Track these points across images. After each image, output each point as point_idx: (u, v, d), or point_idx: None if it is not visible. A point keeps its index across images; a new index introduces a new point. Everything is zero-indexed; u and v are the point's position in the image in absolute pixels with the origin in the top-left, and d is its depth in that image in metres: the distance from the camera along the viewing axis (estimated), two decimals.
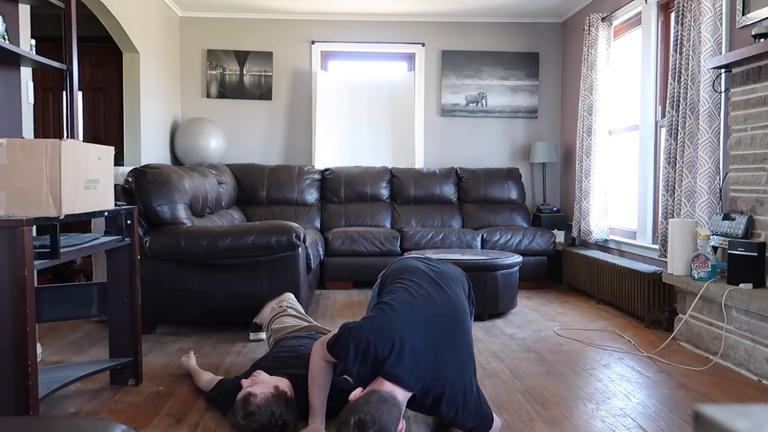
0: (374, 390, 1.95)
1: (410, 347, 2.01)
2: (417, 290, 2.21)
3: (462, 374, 2.09)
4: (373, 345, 1.99)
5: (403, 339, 2.01)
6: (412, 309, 2.12)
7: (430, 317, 2.12)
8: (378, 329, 2.03)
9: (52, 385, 2.29)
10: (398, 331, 2.02)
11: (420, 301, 2.16)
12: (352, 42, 6.33)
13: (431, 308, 2.15)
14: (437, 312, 2.15)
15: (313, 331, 2.93)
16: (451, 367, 2.06)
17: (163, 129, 5.74)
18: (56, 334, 3.70)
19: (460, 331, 2.16)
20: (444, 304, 2.19)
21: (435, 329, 2.09)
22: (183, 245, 3.59)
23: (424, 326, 2.08)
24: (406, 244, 5.30)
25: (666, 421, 2.42)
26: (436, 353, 2.05)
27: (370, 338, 2.01)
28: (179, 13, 6.17)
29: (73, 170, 2.13)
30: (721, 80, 3.61)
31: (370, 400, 1.91)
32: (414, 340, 2.03)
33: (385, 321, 2.06)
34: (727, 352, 3.15)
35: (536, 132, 6.44)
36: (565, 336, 3.73)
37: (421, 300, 2.17)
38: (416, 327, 2.06)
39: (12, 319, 1.96)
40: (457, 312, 2.21)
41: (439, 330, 2.10)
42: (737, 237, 3.26)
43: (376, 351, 1.99)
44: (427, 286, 2.25)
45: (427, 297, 2.19)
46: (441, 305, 2.18)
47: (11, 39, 2.99)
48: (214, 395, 2.52)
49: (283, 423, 2.14)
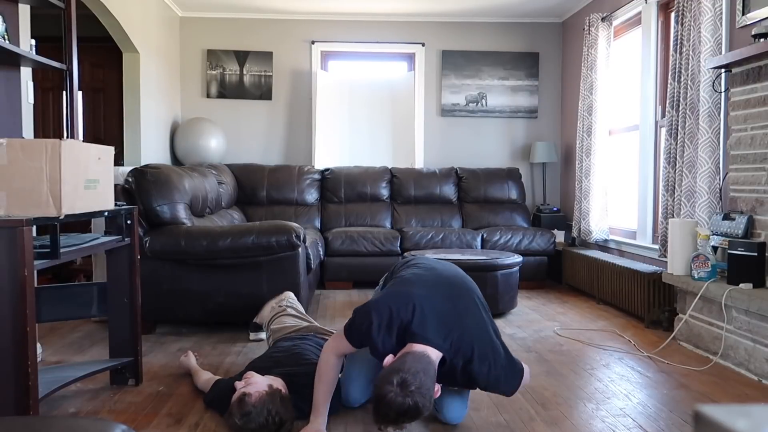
0: (407, 352, 1.99)
1: (431, 307, 2.07)
2: (425, 269, 2.29)
3: (485, 329, 2.14)
4: (396, 311, 2.04)
5: (423, 300, 2.07)
6: (424, 279, 2.19)
7: (443, 283, 2.20)
8: (396, 296, 2.09)
9: (52, 385, 2.29)
10: (416, 294, 2.08)
11: (430, 273, 2.24)
12: (352, 42, 6.33)
13: (442, 277, 2.23)
14: (448, 279, 2.23)
15: (312, 332, 2.93)
16: (473, 323, 2.11)
17: (163, 129, 5.74)
18: (56, 334, 3.70)
19: (474, 296, 2.22)
20: (451, 275, 2.27)
21: (450, 291, 2.16)
22: (183, 245, 3.59)
23: (439, 289, 2.15)
24: (406, 244, 5.30)
25: (666, 421, 2.42)
26: (456, 311, 2.10)
27: (392, 305, 2.05)
28: (179, 13, 6.17)
29: (73, 170, 2.13)
30: (721, 80, 3.61)
31: (406, 360, 1.95)
32: (433, 300, 2.09)
33: (401, 289, 2.12)
34: (727, 352, 3.15)
35: (536, 132, 6.44)
36: (565, 336, 3.73)
37: (431, 272, 2.25)
38: (432, 289, 2.13)
39: (12, 319, 1.96)
40: (468, 282, 2.28)
41: (454, 292, 2.17)
42: (737, 237, 3.26)
43: (399, 316, 2.04)
44: (434, 265, 2.33)
45: (435, 271, 2.26)
46: (451, 275, 2.26)
47: (11, 39, 2.99)
48: (211, 397, 2.52)
49: (280, 420, 2.15)
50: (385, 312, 2.05)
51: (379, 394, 1.89)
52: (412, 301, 2.05)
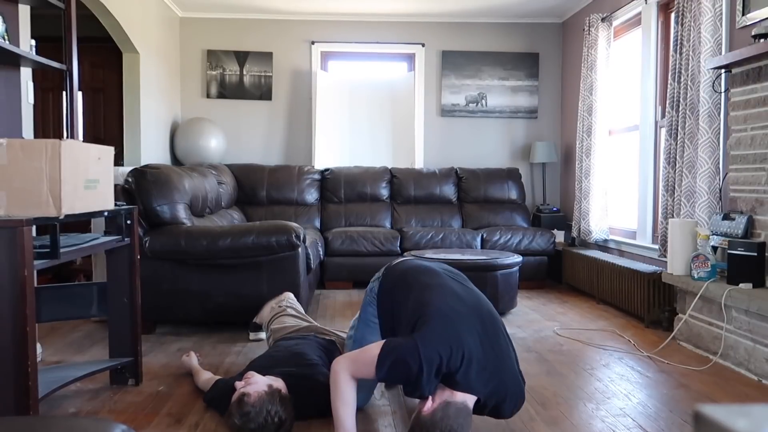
0: (449, 402, 1.93)
1: (477, 355, 1.97)
2: (449, 290, 2.15)
3: (515, 370, 2.09)
4: (446, 360, 1.92)
5: (472, 349, 1.96)
6: (459, 314, 2.05)
7: (475, 318, 2.07)
8: (446, 342, 1.95)
9: (52, 385, 2.29)
10: (465, 342, 1.96)
11: (459, 303, 2.10)
12: (352, 42, 6.33)
13: (471, 309, 2.10)
14: (477, 311, 2.10)
15: (312, 332, 2.93)
16: (506, 366, 2.05)
17: (163, 129, 5.74)
18: (56, 334, 3.70)
19: (500, 326, 2.13)
20: (476, 302, 2.16)
21: (489, 331, 2.06)
22: (183, 245, 3.59)
23: (480, 331, 2.03)
24: (406, 244, 5.30)
25: (666, 420, 2.42)
26: (495, 355, 2.02)
27: (442, 354, 1.93)
28: (179, 13, 6.17)
29: (73, 170, 2.13)
30: (721, 80, 3.61)
31: (449, 414, 1.90)
32: (479, 347, 1.99)
33: (449, 332, 1.97)
34: (727, 352, 3.15)
35: (536, 132, 6.44)
36: (565, 336, 3.73)
37: (460, 302, 2.11)
38: (471, 331, 2.01)
39: (12, 319, 1.96)
40: (490, 307, 2.18)
41: (486, 330, 2.06)
42: (737, 237, 3.26)
43: (449, 364, 1.93)
44: (453, 284, 2.22)
45: (459, 295, 2.14)
46: (475, 304, 2.14)
47: (11, 39, 2.99)
48: (211, 397, 2.53)
49: (280, 420, 2.15)
50: (435, 360, 1.92)
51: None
52: (462, 350, 1.94)
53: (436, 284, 2.20)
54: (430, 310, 2.05)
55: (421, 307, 2.09)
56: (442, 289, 2.16)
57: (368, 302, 2.48)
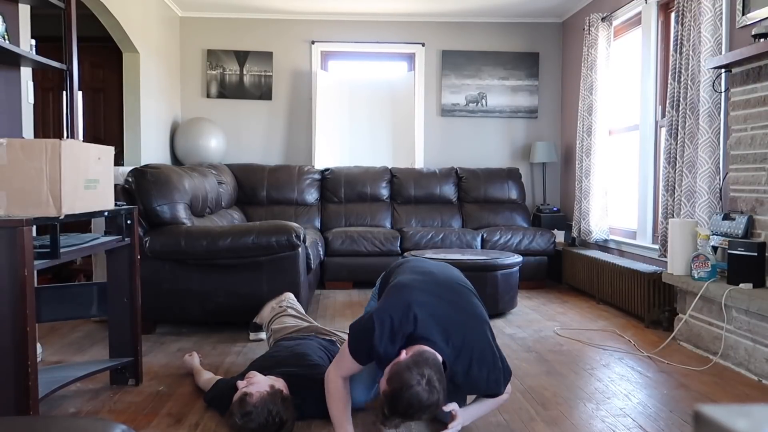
0: (422, 351, 1.96)
1: (431, 312, 2.05)
2: (422, 272, 2.28)
3: (484, 332, 2.12)
4: (398, 321, 2.01)
5: (423, 306, 2.05)
6: (422, 283, 2.17)
7: (442, 286, 2.19)
8: (395, 305, 2.05)
9: (52, 385, 2.29)
10: (415, 301, 2.05)
11: (428, 276, 2.23)
12: (352, 42, 6.33)
13: (440, 280, 2.23)
14: (446, 282, 2.22)
15: (313, 332, 2.93)
16: (470, 326, 2.10)
17: (163, 129, 5.74)
18: (56, 334, 3.70)
19: (470, 297, 2.21)
20: (451, 277, 2.28)
21: (449, 295, 2.16)
22: (183, 245, 3.59)
23: (437, 293, 2.13)
24: (406, 244, 5.30)
25: (666, 421, 2.42)
26: (457, 315, 2.10)
27: (393, 315, 2.03)
28: (179, 13, 6.17)
29: (73, 170, 2.13)
30: (721, 80, 3.61)
31: (427, 358, 1.92)
32: (433, 305, 2.08)
33: (400, 296, 2.08)
34: (727, 352, 3.15)
35: (536, 132, 6.44)
36: (565, 336, 3.73)
37: (429, 276, 2.24)
38: (431, 294, 2.12)
39: (12, 319, 1.96)
40: (466, 283, 2.28)
41: (453, 295, 2.16)
42: (737, 237, 3.26)
43: (401, 326, 2.01)
44: (431, 268, 2.33)
45: (433, 275, 2.26)
46: (448, 278, 2.26)
47: (11, 39, 2.99)
48: (212, 396, 2.53)
49: (281, 421, 2.15)
50: (386, 322, 2.01)
51: (405, 384, 1.84)
52: (412, 310, 2.02)
53: (412, 267, 2.33)
54: (391, 287, 2.18)
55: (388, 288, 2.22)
56: (414, 270, 2.29)
57: (371, 298, 2.59)
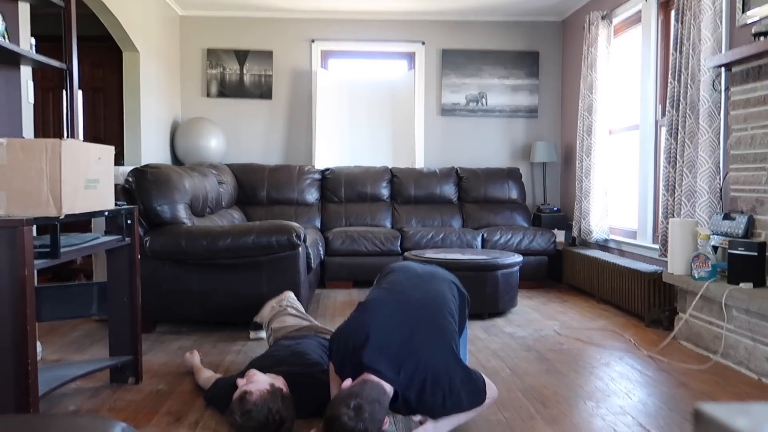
0: (365, 380, 2.03)
1: (383, 336, 2.10)
2: (393, 285, 2.34)
3: (441, 355, 2.11)
4: (352, 341, 2.11)
5: (376, 330, 2.11)
6: (383, 303, 2.24)
7: (402, 307, 2.22)
8: (352, 327, 2.18)
9: (53, 383, 2.30)
10: (369, 323, 2.14)
11: (393, 294, 2.29)
12: (352, 41, 6.33)
13: (403, 299, 2.26)
14: (409, 302, 2.25)
15: (313, 331, 2.93)
16: (427, 351, 2.10)
17: (163, 129, 5.74)
18: (56, 333, 3.70)
19: (436, 317, 2.22)
20: (418, 295, 2.29)
21: (407, 318, 2.18)
22: (183, 245, 3.59)
23: (395, 316, 2.18)
24: (407, 244, 5.30)
25: (666, 419, 2.42)
26: (411, 339, 2.11)
27: (348, 335, 2.15)
28: (179, 12, 6.16)
29: (73, 170, 2.13)
30: (721, 79, 3.61)
31: (364, 387, 1.99)
32: (386, 329, 2.12)
33: (357, 318, 2.20)
34: (728, 351, 3.15)
35: (536, 131, 6.43)
36: (565, 335, 3.73)
37: (395, 293, 2.29)
38: (387, 317, 2.17)
39: (12, 319, 1.96)
40: (432, 301, 2.28)
41: (413, 318, 2.18)
42: (737, 236, 3.26)
43: (354, 345, 2.09)
44: (405, 280, 2.37)
45: (401, 290, 2.31)
46: (415, 297, 2.28)
47: (11, 38, 2.99)
48: (212, 394, 2.53)
49: (281, 419, 2.15)
50: (342, 342, 2.15)
51: (333, 414, 1.91)
52: (365, 332, 2.11)
53: (390, 280, 2.40)
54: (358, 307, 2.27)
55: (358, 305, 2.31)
56: (386, 286, 2.35)
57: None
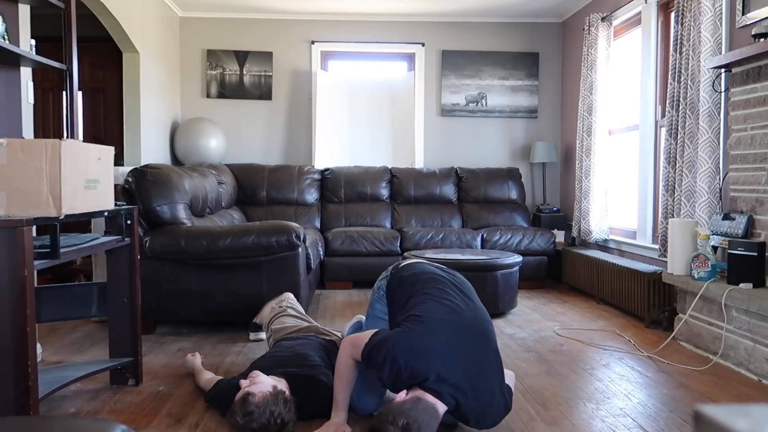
0: (420, 398, 2.00)
1: (446, 368, 2.05)
2: (447, 302, 2.23)
3: (494, 378, 2.14)
4: (410, 367, 2.04)
5: (439, 362, 2.05)
6: (444, 324, 2.14)
7: (461, 332, 2.15)
8: (413, 351, 2.06)
9: (52, 385, 2.29)
10: (433, 353, 2.05)
11: (451, 314, 2.19)
12: (352, 42, 6.33)
13: (461, 322, 2.18)
14: (466, 324, 2.18)
15: (312, 332, 2.93)
16: (483, 375, 2.11)
17: (163, 129, 5.74)
18: (56, 334, 3.70)
19: (488, 342, 2.20)
20: (471, 315, 2.22)
21: (467, 343, 2.13)
22: (183, 245, 3.59)
23: (456, 343, 2.11)
24: (406, 244, 5.30)
25: (666, 420, 2.42)
26: (471, 366, 2.10)
27: (408, 359, 2.05)
28: (179, 13, 6.17)
29: (73, 170, 2.13)
30: (721, 80, 3.61)
31: (417, 407, 1.96)
32: (449, 360, 2.07)
33: (419, 341, 2.08)
34: (727, 352, 3.15)
35: (536, 132, 6.44)
36: (565, 336, 3.73)
37: (452, 313, 2.19)
38: (450, 345, 2.10)
39: (12, 320, 1.96)
40: (483, 322, 2.24)
41: (471, 344, 2.14)
42: (737, 237, 3.26)
43: (413, 373, 2.04)
44: (455, 296, 2.28)
45: (456, 309, 2.21)
46: (469, 317, 2.21)
47: (11, 39, 2.99)
48: (213, 395, 2.53)
49: (282, 422, 2.15)
50: (400, 362, 2.04)
51: (379, 428, 1.90)
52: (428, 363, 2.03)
53: (437, 293, 2.28)
54: (418, 314, 2.17)
55: (413, 308, 2.21)
56: (439, 300, 2.24)
57: (376, 299, 2.57)
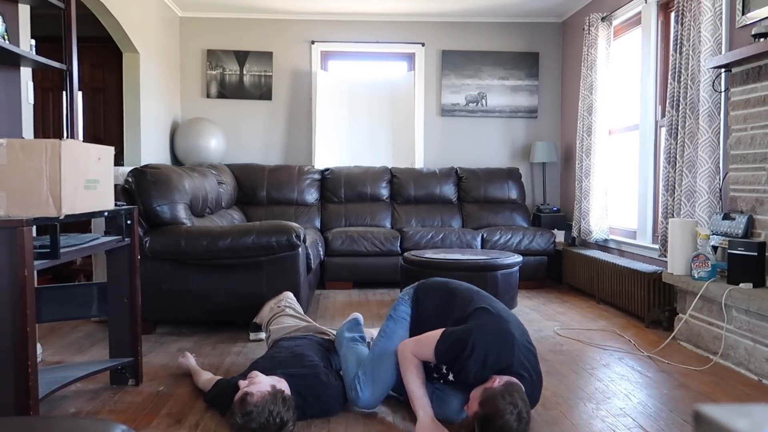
0: (512, 383, 2.14)
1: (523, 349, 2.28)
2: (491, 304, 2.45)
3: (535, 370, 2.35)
4: (496, 354, 2.21)
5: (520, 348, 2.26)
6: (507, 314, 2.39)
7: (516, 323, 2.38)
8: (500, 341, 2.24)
9: (53, 386, 2.29)
10: (517, 343, 2.25)
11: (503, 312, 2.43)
12: (352, 42, 6.33)
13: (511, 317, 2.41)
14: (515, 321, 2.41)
15: (311, 332, 2.93)
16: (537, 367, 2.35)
17: (163, 129, 5.74)
18: (56, 335, 3.70)
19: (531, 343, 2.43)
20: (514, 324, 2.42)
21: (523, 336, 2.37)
22: (183, 245, 3.59)
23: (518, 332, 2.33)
24: (406, 244, 5.30)
25: (666, 420, 2.42)
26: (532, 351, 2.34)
27: (495, 347, 2.22)
28: (179, 13, 6.17)
29: (73, 170, 2.13)
30: (721, 80, 3.61)
31: (517, 388, 2.11)
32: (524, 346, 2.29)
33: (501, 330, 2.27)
34: (727, 352, 3.15)
35: (536, 132, 6.44)
36: (565, 336, 3.73)
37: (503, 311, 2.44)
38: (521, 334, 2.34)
39: (12, 320, 1.96)
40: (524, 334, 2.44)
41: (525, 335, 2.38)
42: (737, 237, 3.26)
43: (498, 358, 2.21)
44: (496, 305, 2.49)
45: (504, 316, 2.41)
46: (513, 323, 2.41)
47: (11, 39, 2.99)
48: (212, 395, 2.53)
49: (282, 422, 2.14)
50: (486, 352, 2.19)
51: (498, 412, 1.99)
52: (512, 347, 2.22)
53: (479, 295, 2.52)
54: (479, 309, 2.37)
55: (469, 306, 2.41)
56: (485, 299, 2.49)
57: (400, 302, 2.68)
